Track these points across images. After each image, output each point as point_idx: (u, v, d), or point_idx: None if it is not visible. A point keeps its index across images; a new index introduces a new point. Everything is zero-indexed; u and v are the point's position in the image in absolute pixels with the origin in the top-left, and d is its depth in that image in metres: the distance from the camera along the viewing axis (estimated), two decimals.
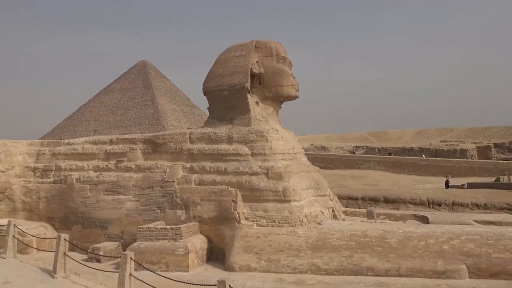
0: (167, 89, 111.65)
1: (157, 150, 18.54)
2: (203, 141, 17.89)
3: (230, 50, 18.84)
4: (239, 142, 17.20)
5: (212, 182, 16.59)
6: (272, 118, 18.59)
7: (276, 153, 16.81)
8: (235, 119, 17.88)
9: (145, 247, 14.67)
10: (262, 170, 16.20)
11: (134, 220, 17.24)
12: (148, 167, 18.16)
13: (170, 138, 18.42)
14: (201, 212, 16.27)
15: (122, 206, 17.72)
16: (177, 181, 17.13)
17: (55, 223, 19.33)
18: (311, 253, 14.05)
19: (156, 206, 17.19)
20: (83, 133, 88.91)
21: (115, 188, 18.20)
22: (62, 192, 19.34)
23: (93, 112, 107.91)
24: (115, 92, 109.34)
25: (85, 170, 19.52)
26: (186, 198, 16.65)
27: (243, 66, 17.85)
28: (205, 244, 15.67)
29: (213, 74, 18.85)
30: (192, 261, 14.55)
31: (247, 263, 14.28)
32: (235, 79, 17.86)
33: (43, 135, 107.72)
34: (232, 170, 16.55)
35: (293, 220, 15.18)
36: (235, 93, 17.88)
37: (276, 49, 18.34)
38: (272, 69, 18.10)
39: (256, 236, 14.84)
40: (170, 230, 14.97)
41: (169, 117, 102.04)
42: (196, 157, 17.63)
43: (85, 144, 20.88)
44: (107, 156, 19.70)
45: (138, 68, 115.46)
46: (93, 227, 18.17)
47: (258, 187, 15.87)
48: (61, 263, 9.16)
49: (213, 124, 18.49)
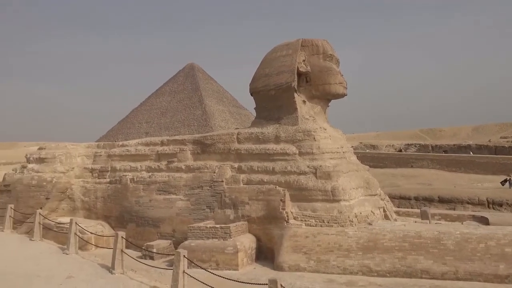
0: (214, 91, 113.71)
1: (206, 151, 18.90)
2: (250, 141, 18.01)
3: (276, 49, 18.82)
4: (287, 142, 17.14)
5: (260, 181, 16.66)
6: (320, 117, 18.36)
7: (324, 152, 16.57)
8: (282, 119, 17.84)
9: (196, 245, 14.99)
10: (310, 170, 16.04)
11: (184, 219, 17.68)
12: (197, 167, 18.56)
13: (218, 138, 18.71)
14: (249, 211, 16.38)
15: (173, 206, 18.24)
16: (225, 180, 17.37)
17: (111, 222, 20.25)
18: (362, 254, 13.72)
19: (206, 205, 17.53)
20: (136, 135, 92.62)
21: (167, 188, 18.77)
22: (117, 192, 20.23)
23: (145, 115, 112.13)
24: (165, 95, 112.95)
25: (138, 170, 20.29)
26: (234, 198, 16.83)
27: (289, 65, 17.77)
28: (253, 243, 15.76)
29: (259, 74, 18.93)
30: (241, 260, 14.69)
31: (296, 263, 14.20)
32: (282, 78, 17.82)
33: (99, 138, 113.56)
34: (280, 170, 16.53)
35: (342, 220, 14.91)
36: (282, 92, 17.84)
37: (322, 47, 18.09)
38: (319, 67, 17.87)
39: (305, 236, 14.72)
40: (220, 229, 15.20)
41: (217, 118, 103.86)
42: (244, 157, 17.79)
43: (138, 145, 21.71)
44: (158, 157, 20.36)
45: (186, 70, 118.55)
46: (146, 226, 18.83)
47: (306, 186, 15.73)
48: (118, 260, 9.59)
49: (260, 124, 18.56)
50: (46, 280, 8.97)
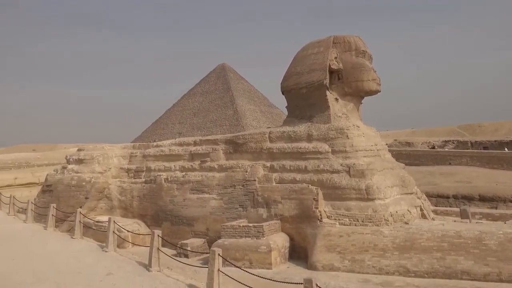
0: (246, 90, 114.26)
1: (238, 150, 19.01)
2: (282, 140, 17.96)
3: (308, 47, 18.67)
4: (319, 140, 16.97)
5: (293, 180, 16.58)
6: (353, 114, 18.06)
7: (358, 150, 16.29)
8: (314, 117, 17.69)
9: (229, 244, 15.10)
10: (344, 168, 15.82)
11: (218, 218, 17.86)
12: (230, 167, 18.70)
13: (250, 138, 18.78)
14: (282, 210, 16.34)
15: (206, 205, 18.46)
16: (258, 179, 17.41)
17: (147, 220, 20.74)
18: (398, 253, 13.39)
19: (239, 204, 17.63)
20: (169, 136, 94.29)
21: (200, 187, 19.02)
22: (152, 191, 20.69)
23: (178, 115, 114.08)
24: (197, 96, 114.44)
25: (172, 170, 20.67)
26: (267, 197, 16.84)
27: (321, 63, 17.59)
28: (287, 242, 15.71)
29: (291, 73, 18.84)
30: (274, 259, 14.67)
31: (330, 262, 14.04)
32: (313, 76, 17.66)
33: (134, 139, 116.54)
34: (313, 168, 16.39)
35: (377, 219, 14.60)
36: (314, 90, 17.68)
37: (355, 43, 17.79)
38: (351, 64, 17.58)
39: (338, 235, 14.53)
40: (253, 228, 15.25)
41: (248, 117, 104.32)
42: (276, 156, 17.76)
43: (171, 146, 22.11)
44: (191, 156, 20.66)
45: (217, 71, 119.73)
46: (181, 224, 19.16)
47: (339, 185, 15.53)
48: (155, 258, 9.81)
49: (292, 123, 18.48)
50: (88, 276, 9.30)
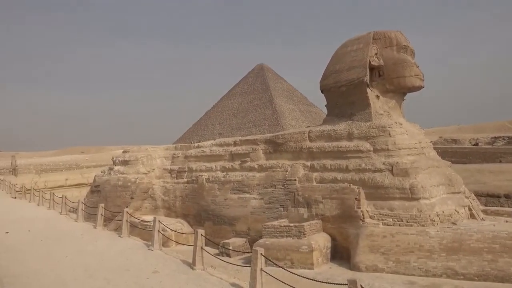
0: (284, 90, 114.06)
1: (278, 150, 19.03)
2: (322, 139, 17.80)
3: (347, 44, 18.39)
4: (360, 139, 16.68)
5: (333, 180, 16.39)
6: (395, 112, 17.60)
7: (401, 148, 15.85)
8: (354, 115, 17.39)
9: (271, 243, 15.14)
10: (386, 167, 15.45)
11: (258, 217, 17.96)
12: (270, 167, 18.76)
13: (289, 137, 18.74)
14: (323, 210, 16.20)
15: (247, 204, 18.62)
16: (298, 179, 17.35)
17: (190, 220, 21.20)
18: (445, 255, 12.90)
19: (279, 204, 17.65)
20: (209, 136, 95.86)
21: (241, 187, 19.22)
22: (194, 191, 21.12)
23: (217, 116, 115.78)
24: (236, 96, 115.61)
25: (213, 170, 21.00)
26: (307, 196, 16.75)
27: (360, 59, 17.27)
28: (328, 243, 15.55)
29: (329, 71, 18.63)
30: (316, 259, 14.57)
31: (373, 263, 13.76)
32: (353, 74, 17.37)
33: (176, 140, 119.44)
34: (354, 168, 16.12)
35: (423, 219, 14.14)
36: (354, 88, 17.39)
37: (396, 39, 17.32)
38: (392, 60, 17.14)
39: (382, 235, 14.20)
40: (294, 227, 15.22)
41: (287, 117, 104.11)
42: (316, 155, 17.63)
43: (212, 146, 22.48)
44: (232, 157, 20.91)
45: (256, 71, 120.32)
46: (222, 224, 19.43)
47: (382, 184, 15.17)
48: (199, 256, 10.02)
49: (332, 122, 18.27)
50: (135, 274, 9.65)
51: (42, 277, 9.23)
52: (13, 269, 9.71)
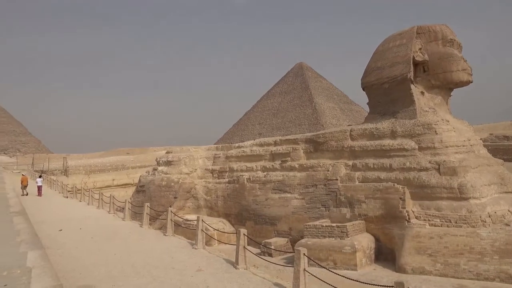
0: (324, 88, 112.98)
1: (319, 149, 18.83)
2: (364, 137, 17.43)
3: (389, 40, 17.90)
4: (404, 137, 16.17)
5: (377, 179, 16.00)
6: (441, 108, 16.92)
7: (448, 146, 15.22)
8: (398, 113, 16.89)
9: (312, 244, 15.02)
10: (433, 165, 14.88)
11: (300, 217, 17.86)
12: (311, 166, 18.61)
13: (330, 136, 18.50)
14: (366, 210, 15.86)
15: (288, 204, 18.57)
16: (340, 179, 17.10)
17: (231, 219, 21.43)
18: (498, 258, 12.25)
19: (321, 204, 17.47)
20: (249, 136, 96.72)
21: (281, 186, 19.19)
22: (235, 191, 21.33)
23: (257, 116, 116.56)
24: (276, 96, 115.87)
25: (254, 170, 21.11)
26: (350, 196, 16.46)
27: (404, 55, 16.75)
28: (372, 243, 15.21)
29: (371, 68, 18.22)
30: (360, 260, 14.29)
31: (420, 265, 13.31)
32: (396, 70, 16.88)
33: (217, 140, 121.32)
34: (398, 166, 15.66)
35: (473, 220, 13.50)
36: (397, 85, 16.90)
37: (441, 32, 16.65)
38: (438, 54, 16.49)
39: (429, 236, 13.70)
40: (336, 228, 15.01)
41: (328, 115, 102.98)
42: (358, 154, 17.29)
43: (252, 146, 22.61)
44: (272, 156, 20.93)
45: (295, 70, 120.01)
46: (264, 224, 19.49)
47: (428, 183, 14.63)
48: (242, 256, 10.11)
49: (374, 120, 17.85)
50: (180, 272, 9.89)
51: (93, 272, 9.67)
52: (67, 264, 10.25)
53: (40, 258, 8.25)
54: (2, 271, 7.25)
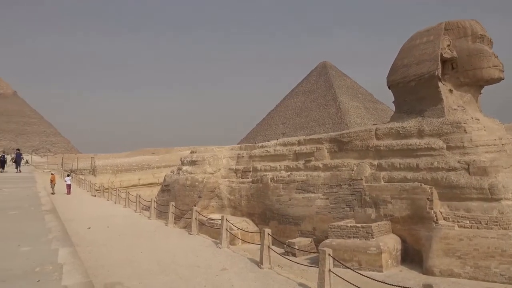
0: (348, 87, 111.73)
1: (343, 149, 18.64)
2: (390, 136, 17.13)
3: (415, 37, 17.53)
4: (432, 136, 15.80)
5: (403, 179, 15.70)
6: (470, 106, 16.45)
7: (478, 145, 14.77)
8: (425, 111, 16.52)
9: (337, 244, 14.88)
10: (462, 165, 14.48)
11: (324, 217, 17.72)
12: (335, 166, 18.43)
13: (355, 135, 18.28)
14: (392, 210, 15.58)
15: (312, 204, 18.45)
16: (365, 179, 16.87)
17: (255, 219, 21.46)
18: None
19: (345, 204, 17.28)
20: (273, 136, 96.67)
21: (305, 186, 19.09)
22: (259, 190, 21.36)
23: (281, 116, 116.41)
24: (299, 95, 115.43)
25: (278, 170, 21.08)
26: (375, 196, 16.22)
27: (431, 52, 16.38)
28: (398, 245, 14.94)
29: (397, 66, 17.89)
30: (385, 261, 14.06)
31: (449, 267, 12.99)
32: (423, 67, 16.52)
33: (240, 140, 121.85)
34: (425, 166, 15.32)
35: (505, 221, 13.07)
36: (424, 83, 16.53)
37: (471, 28, 16.18)
38: (467, 51, 16.04)
39: (458, 238, 13.35)
40: (361, 228, 14.82)
41: (352, 114, 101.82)
42: (383, 154, 17.01)
43: (276, 146, 22.58)
44: (296, 156, 20.84)
45: (319, 69, 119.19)
46: (287, 223, 19.44)
47: (457, 184, 14.25)
48: (266, 255, 10.11)
49: (400, 118, 17.52)
50: (205, 270, 9.98)
51: (120, 270, 9.87)
52: (95, 261, 10.50)
53: (71, 255, 8.49)
54: (36, 266, 7.50)
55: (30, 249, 8.90)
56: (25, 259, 8.02)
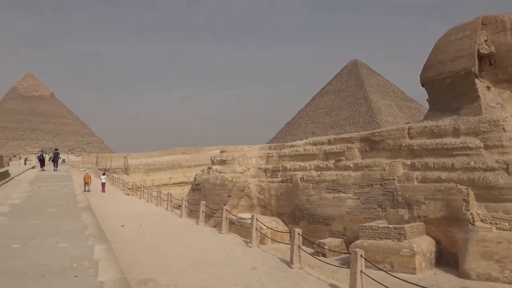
0: (380, 85, 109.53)
1: (375, 148, 18.30)
2: (424, 135, 16.68)
3: (451, 33, 16.99)
4: (468, 134, 15.27)
5: (437, 179, 15.25)
6: (510, 104, 15.77)
7: None
8: (461, 109, 15.98)
9: (368, 245, 14.63)
10: (500, 165, 13.91)
11: (355, 218, 17.46)
12: (366, 165, 18.13)
13: (387, 134, 17.91)
14: (426, 211, 15.17)
15: (343, 204, 18.22)
16: (397, 178, 16.50)
17: (284, 218, 21.41)
18: None
19: (377, 204, 16.96)
20: (302, 136, 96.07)
21: (335, 186, 18.87)
22: (288, 190, 21.28)
23: (310, 115, 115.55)
24: (329, 94, 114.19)
25: (307, 169, 20.94)
26: (408, 197, 15.83)
27: (467, 48, 15.83)
28: (432, 247, 14.54)
29: (431, 62, 17.40)
30: (419, 263, 13.72)
31: (486, 271, 12.52)
32: (459, 64, 15.98)
33: (269, 140, 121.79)
34: (461, 166, 14.82)
35: None
36: (460, 80, 15.99)
37: (510, 22, 15.53)
38: (506, 46, 15.40)
39: (496, 241, 12.85)
40: (393, 229, 14.51)
41: (383, 113, 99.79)
42: (417, 153, 16.58)
43: (305, 145, 22.45)
44: (326, 156, 20.64)
45: (349, 67, 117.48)
46: (317, 223, 19.28)
47: (495, 184, 13.70)
48: (296, 255, 10.05)
49: (434, 117, 17.02)
50: (235, 269, 10.02)
51: (152, 267, 10.07)
52: (129, 258, 10.75)
53: (106, 251, 8.72)
54: (73, 262, 7.75)
55: (67, 245, 9.20)
56: (63, 255, 8.30)
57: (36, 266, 7.55)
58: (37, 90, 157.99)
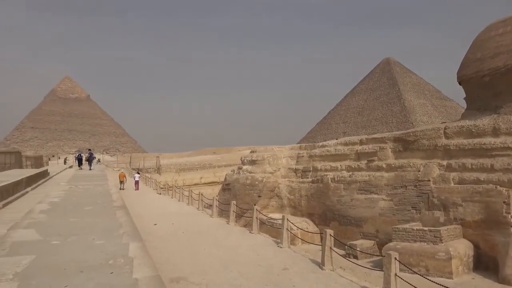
0: (414, 84, 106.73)
1: (409, 148, 17.85)
2: (461, 135, 16.12)
3: (490, 28, 16.35)
4: (508, 134, 14.64)
5: (475, 180, 14.70)
6: None
7: None
8: (501, 108, 15.34)
9: (402, 248, 14.26)
10: None
11: (388, 219, 17.08)
12: (399, 166, 17.71)
13: (422, 134, 17.43)
14: (463, 214, 14.65)
15: (375, 205, 17.86)
16: (432, 180, 16.02)
17: (315, 219, 21.22)
18: None
19: (411, 206, 16.54)
20: (333, 136, 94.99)
21: (368, 187, 18.53)
22: (319, 191, 21.08)
23: (341, 115, 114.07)
24: (361, 93, 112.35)
25: (339, 170, 20.67)
26: (444, 199, 15.34)
27: (508, 44, 15.19)
28: (470, 250, 14.02)
29: (469, 60, 16.79)
30: (456, 268, 13.26)
31: None
32: (499, 61, 15.35)
33: (300, 140, 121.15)
34: (501, 167, 14.22)
35: None
36: (500, 77, 15.36)
37: None
38: None
39: None
40: (428, 232, 14.10)
41: (418, 112, 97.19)
42: (453, 154, 16.04)
43: (337, 145, 22.17)
44: (357, 156, 20.31)
45: (381, 66, 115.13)
46: (349, 225, 18.99)
47: None
48: (328, 257, 9.93)
49: (472, 116, 16.42)
50: (266, 269, 10.02)
51: (184, 265, 10.22)
52: (161, 256, 10.96)
53: (140, 249, 8.93)
54: (109, 259, 7.98)
55: (103, 242, 9.48)
56: (99, 252, 8.57)
57: (74, 262, 7.82)
58: (73, 92, 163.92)
